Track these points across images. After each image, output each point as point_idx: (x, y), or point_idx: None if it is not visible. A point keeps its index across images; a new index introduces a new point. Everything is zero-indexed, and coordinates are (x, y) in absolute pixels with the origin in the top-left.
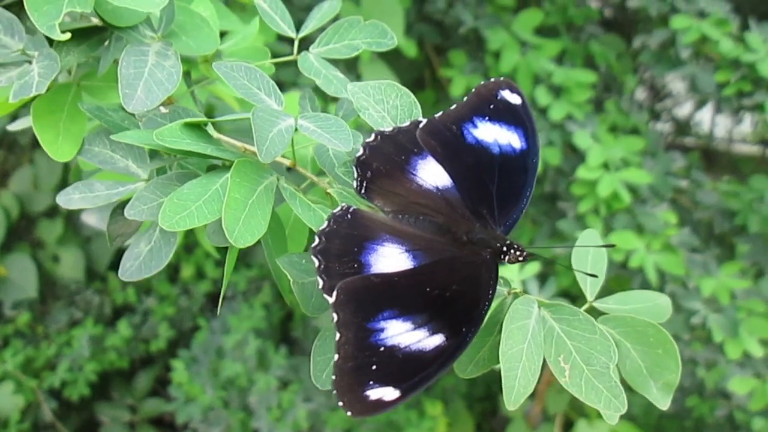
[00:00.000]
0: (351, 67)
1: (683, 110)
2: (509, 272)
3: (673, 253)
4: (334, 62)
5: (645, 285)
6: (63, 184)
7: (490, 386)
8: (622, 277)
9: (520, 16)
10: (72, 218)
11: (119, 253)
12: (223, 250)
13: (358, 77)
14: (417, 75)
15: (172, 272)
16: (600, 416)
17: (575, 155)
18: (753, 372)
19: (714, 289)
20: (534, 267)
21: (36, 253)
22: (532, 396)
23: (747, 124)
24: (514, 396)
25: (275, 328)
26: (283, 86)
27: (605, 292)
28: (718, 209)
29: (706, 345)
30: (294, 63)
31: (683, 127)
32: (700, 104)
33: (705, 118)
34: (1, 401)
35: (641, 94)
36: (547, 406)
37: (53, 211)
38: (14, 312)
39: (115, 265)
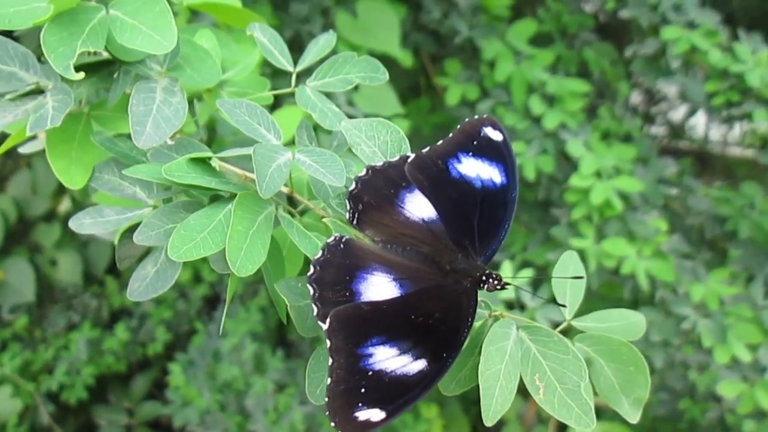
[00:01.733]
0: None
1: (678, 114)
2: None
3: (664, 259)
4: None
5: (636, 291)
6: (60, 189)
7: None
8: (613, 283)
9: (514, 27)
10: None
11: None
12: None
13: (355, 89)
14: (413, 83)
15: None
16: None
17: (568, 163)
18: (741, 376)
19: (703, 295)
20: (527, 275)
21: (34, 257)
22: (526, 399)
23: (740, 129)
24: (491, 413)
25: (272, 331)
26: (279, 99)
27: (597, 298)
28: (710, 215)
29: (698, 348)
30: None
31: (678, 131)
32: (691, 111)
33: (700, 122)
34: None
35: (636, 98)
36: (541, 409)
37: (51, 215)
38: (12, 316)
39: (112, 269)
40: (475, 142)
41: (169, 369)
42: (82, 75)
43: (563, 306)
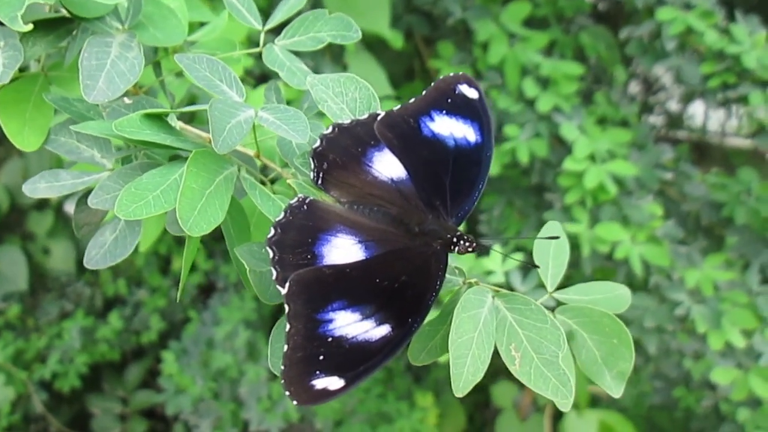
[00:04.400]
0: (337, 58)
1: (676, 104)
2: (493, 264)
3: (658, 244)
4: (319, 53)
5: (630, 276)
6: None
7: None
8: (607, 268)
9: (508, 8)
10: (62, 211)
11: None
12: (216, 244)
13: (344, 68)
14: (406, 66)
15: (163, 264)
16: (589, 406)
17: (562, 147)
18: (735, 362)
19: (698, 280)
20: (518, 259)
21: (26, 245)
22: (522, 387)
23: (738, 117)
24: (462, 383)
25: (265, 319)
26: (269, 78)
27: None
28: (706, 201)
29: (692, 336)
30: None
31: (675, 120)
32: (686, 97)
33: (698, 111)
34: None
35: (634, 87)
36: (537, 397)
37: (43, 203)
38: (4, 304)
39: None
40: (449, 100)
41: (162, 357)
42: (30, 27)
43: (537, 267)
